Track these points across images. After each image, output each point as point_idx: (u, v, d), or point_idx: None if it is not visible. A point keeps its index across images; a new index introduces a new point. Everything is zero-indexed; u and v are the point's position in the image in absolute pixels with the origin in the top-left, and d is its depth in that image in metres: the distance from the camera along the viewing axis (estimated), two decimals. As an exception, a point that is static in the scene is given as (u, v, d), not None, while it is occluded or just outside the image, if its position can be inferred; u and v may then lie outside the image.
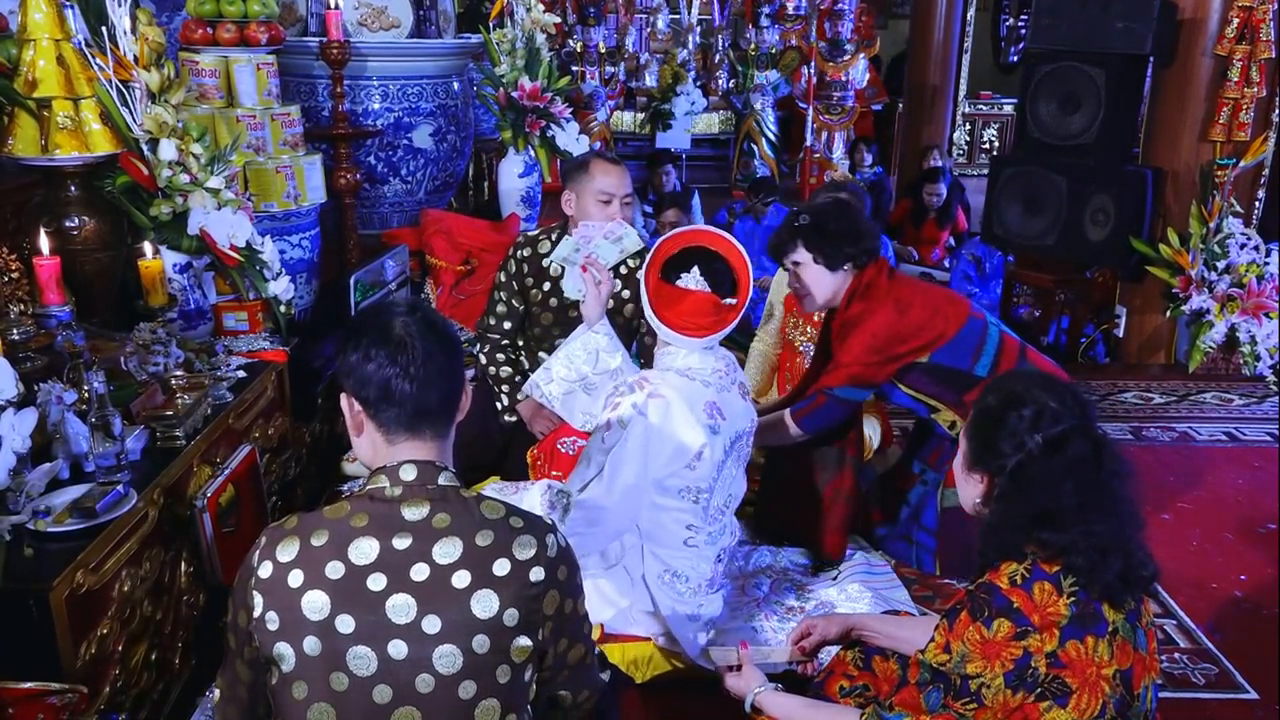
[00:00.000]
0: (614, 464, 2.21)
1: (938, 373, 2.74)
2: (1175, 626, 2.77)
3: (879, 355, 2.71)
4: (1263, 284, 4.62)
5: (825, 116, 9.00)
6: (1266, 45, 4.50)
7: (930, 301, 2.80)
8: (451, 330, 1.50)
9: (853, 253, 2.77)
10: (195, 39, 3.43)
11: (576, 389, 2.64)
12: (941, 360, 2.72)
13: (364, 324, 1.44)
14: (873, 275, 2.77)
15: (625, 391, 2.27)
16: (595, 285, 2.62)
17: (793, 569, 2.87)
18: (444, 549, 1.35)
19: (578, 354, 2.63)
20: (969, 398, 2.73)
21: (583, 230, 2.87)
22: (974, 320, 2.78)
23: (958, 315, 2.76)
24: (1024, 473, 1.54)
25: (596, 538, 2.32)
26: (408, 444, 1.43)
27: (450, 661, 1.33)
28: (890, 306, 2.73)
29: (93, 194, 2.76)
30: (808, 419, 2.77)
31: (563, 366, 2.64)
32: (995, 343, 2.77)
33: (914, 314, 2.73)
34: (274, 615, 1.32)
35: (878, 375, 2.74)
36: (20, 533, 1.83)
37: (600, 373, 2.62)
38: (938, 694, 1.55)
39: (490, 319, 3.18)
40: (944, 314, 2.75)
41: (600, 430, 2.26)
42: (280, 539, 1.36)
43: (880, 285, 2.77)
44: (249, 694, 1.41)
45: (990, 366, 2.74)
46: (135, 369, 2.44)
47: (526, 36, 4.52)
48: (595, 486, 2.23)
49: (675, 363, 2.34)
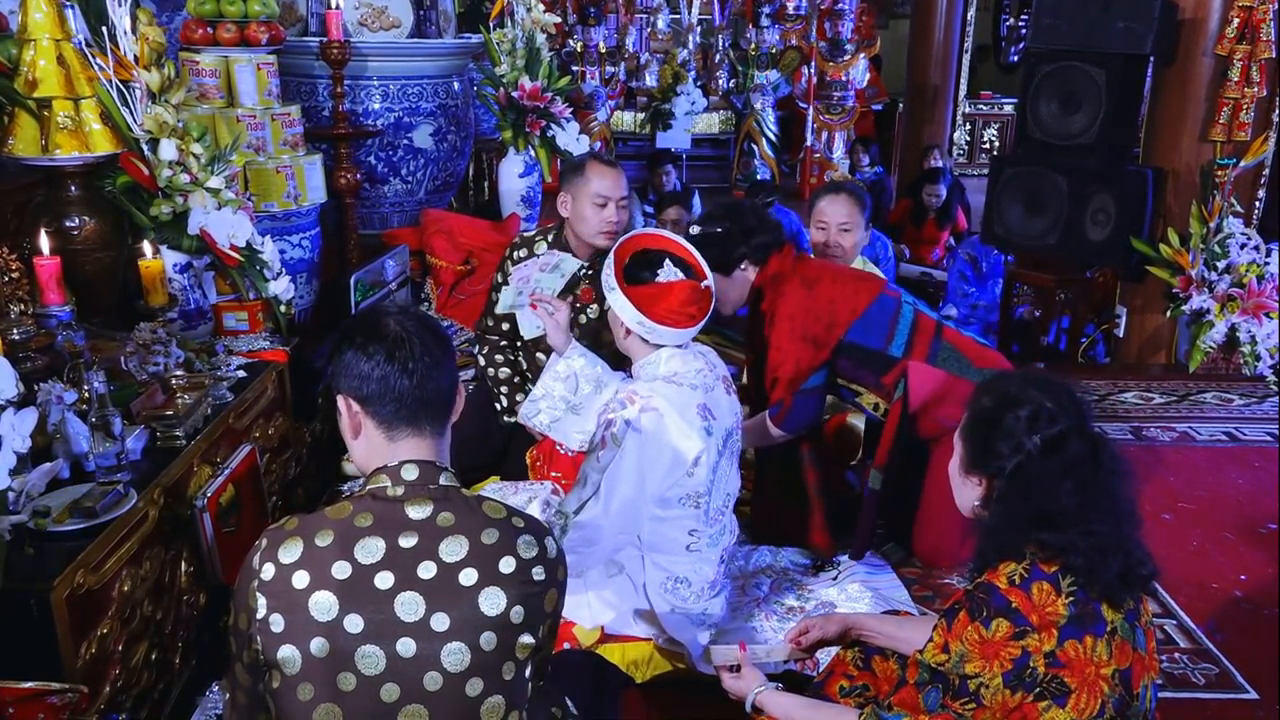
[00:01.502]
0: (610, 482, 2.20)
1: (855, 353, 2.74)
2: (1175, 626, 2.77)
3: (807, 344, 2.71)
4: (1263, 284, 4.61)
5: (825, 116, 9.00)
6: (1267, 45, 4.50)
7: (839, 276, 2.81)
8: (443, 330, 1.52)
9: (745, 251, 2.78)
10: (195, 39, 3.44)
11: (564, 414, 2.66)
12: (856, 339, 2.72)
13: (356, 325, 1.45)
14: (776, 265, 2.79)
15: (616, 407, 2.24)
16: (550, 316, 2.65)
17: (793, 569, 2.87)
18: (450, 547, 1.35)
19: (556, 383, 2.66)
20: (887, 379, 2.75)
21: (519, 273, 2.90)
22: (886, 297, 2.77)
23: (869, 290, 2.76)
24: (1023, 474, 1.54)
25: (595, 555, 2.33)
26: (408, 440, 1.43)
27: (458, 659, 1.33)
28: (797, 284, 2.75)
29: (93, 194, 2.76)
30: (786, 421, 2.78)
31: (544, 398, 2.68)
32: (909, 320, 2.75)
33: (822, 288, 2.74)
34: (279, 617, 1.32)
35: (813, 363, 2.73)
36: (20, 533, 1.83)
37: (581, 396, 2.64)
38: (936, 694, 1.55)
39: (489, 320, 3.18)
40: (854, 288, 2.76)
41: (595, 449, 2.25)
42: (282, 540, 1.36)
43: (785, 270, 2.78)
44: (248, 699, 1.41)
45: (905, 346, 2.73)
46: (135, 369, 2.44)
47: (527, 36, 4.52)
48: (592, 506, 2.22)
49: (659, 370, 2.31)
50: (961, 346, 2.78)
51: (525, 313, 2.98)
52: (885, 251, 5.12)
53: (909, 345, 2.73)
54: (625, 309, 2.28)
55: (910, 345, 2.73)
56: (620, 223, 3.00)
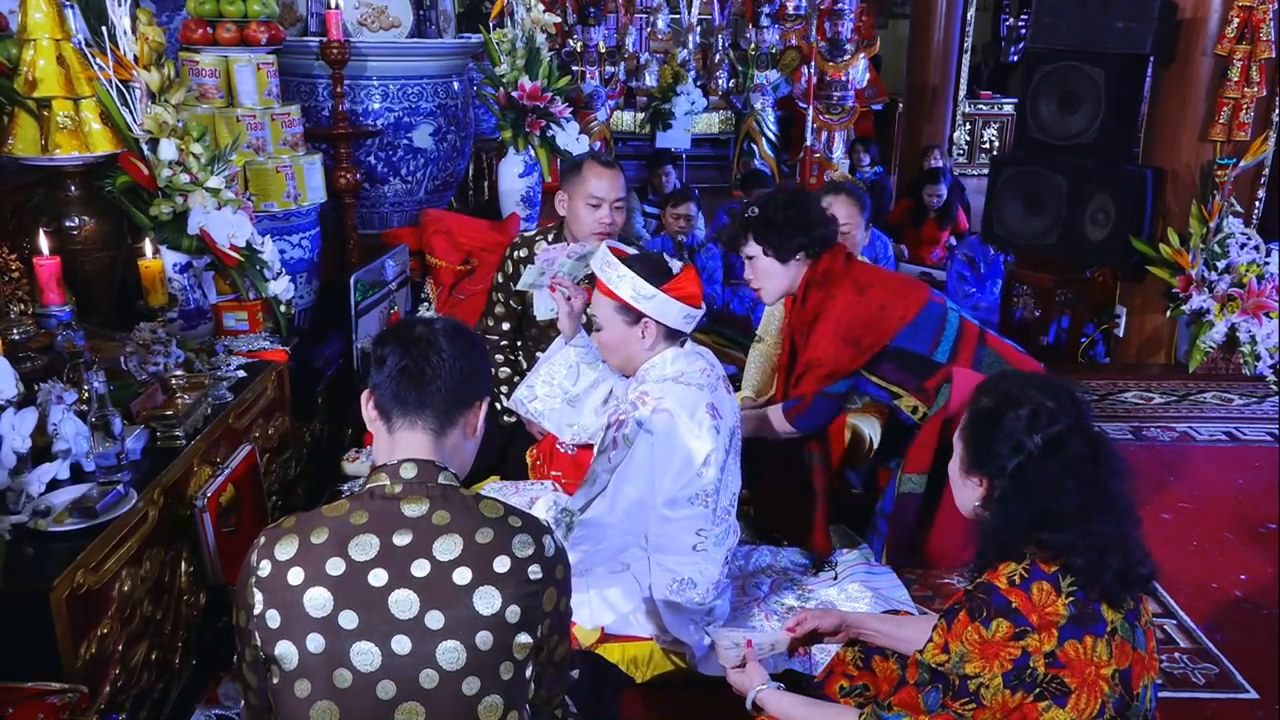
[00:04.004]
0: (618, 481, 2.21)
1: (900, 358, 2.74)
2: (1175, 626, 2.77)
3: (849, 347, 2.70)
4: (1263, 284, 4.62)
5: (825, 116, 8.99)
6: (1266, 45, 4.50)
7: (889, 283, 2.80)
8: (477, 342, 1.54)
9: (804, 242, 2.76)
10: (195, 39, 3.43)
11: (560, 404, 2.66)
12: (903, 345, 2.72)
13: (393, 330, 1.52)
14: (828, 263, 2.77)
15: (628, 409, 2.26)
16: (565, 301, 2.63)
17: (793, 569, 2.87)
18: (444, 545, 1.36)
19: (558, 370, 2.65)
20: (929, 384, 2.75)
21: (546, 254, 2.89)
22: (933, 304, 2.78)
23: (918, 298, 2.76)
24: (1024, 474, 1.54)
25: (600, 554, 2.33)
26: (402, 432, 1.45)
27: (454, 657, 1.33)
28: (849, 288, 2.73)
29: (93, 194, 2.76)
30: (801, 418, 2.76)
31: (544, 384, 2.66)
32: (955, 328, 2.77)
33: (874, 293, 2.73)
34: (275, 613, 1.33)
35: (850, 366, 2.73)
36: (20, 533, 1.83)
37: (581, 386, 2.64)
38: (936, 694, 1.55)
39: (489, 320, 3.18)
40: (903, 295, 2.76)
41: (606, 450, 2.26)
42: (279, 537, 1.37)
43: (837, 271, 2.76)
44: (259, 700, 1.42)
45: (950, 352, 2.75)
46: (135, 369, 2.44)
47: (526, 36, 4.51)
48: (599, 504, 2.23)
49: (666, 371, 2.32)
50: (1003, 352, 2.83)
51: (542, 293, 2.95)
52: (885, 251, 5.12)
53: (954, 351, 2.75)
54: (670, 306, 2.26)
55: (955, 351, 2.75)
56: (615, 224, 2.99)
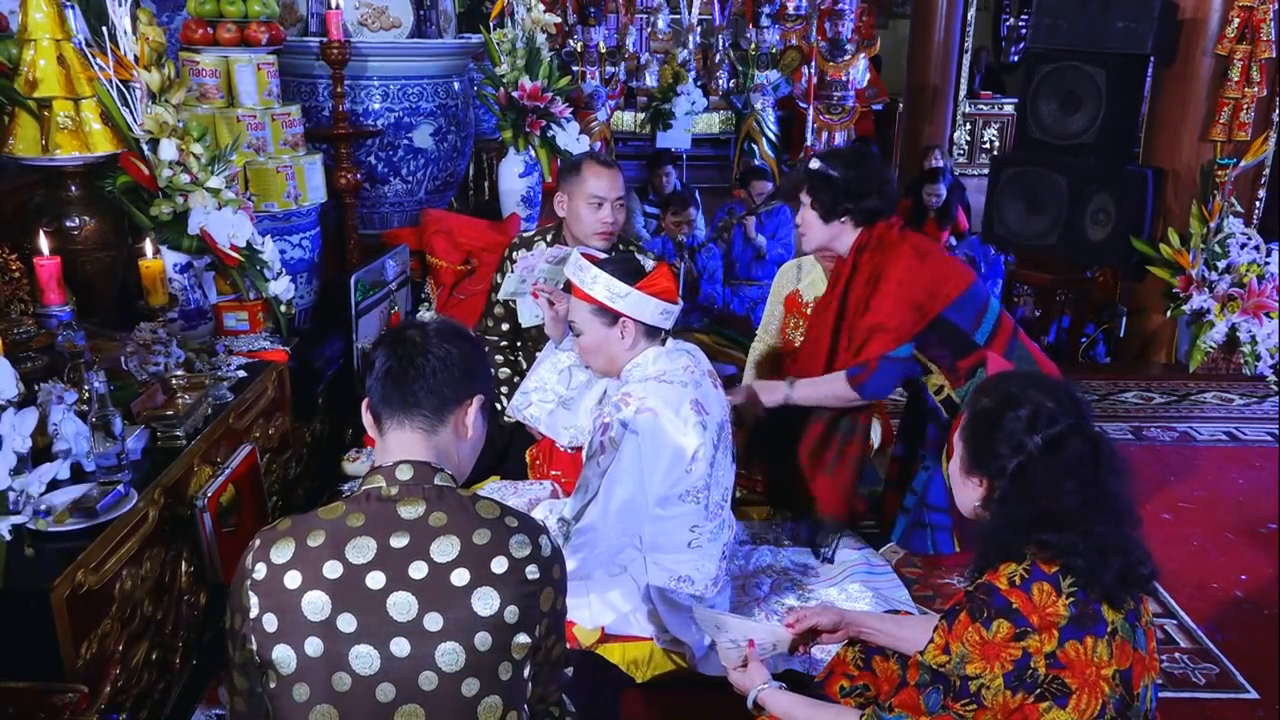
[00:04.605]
0: (609, 483, 2.22)
1: (945, 330, 2.77)
2: (1175, 626, 2.77)
3: (912, 311, 2.72)
4: (1263, 284, 4.62)
5: (825, 116, 8.99)
6: (1267, 45, 4.50)
7: (943, 255, 2.89)
8: (473, 343, 1.55)
9: (850, 208, 2.77)
10: (196, 39, 3.43)
11: (555, 408, 2.66)
12: (951, 316, 2.75)
13: (388, 333, 1.53)
14: (883, 230, 2.80)
15: (612, 410, 2.26)
16: (549, 306, 2.63)
17: (793, 569, 2.88)
18: (441, 547, 1.36)
19: (549, 375, 2.67)
20: (962, 364, 2.77)
21: (524, 261, 2.90)
22: (979, 286, 2.86)
23: (967, 276, 2.84)
24: (1024, 474, 1.54)
25: (598, 559, 2.33)
26: (395, 433, 1.45)
27: (453, 659, 1.33)
28: (909, 252, 2.77)
29: (93, 194, 2.76)
30: (867, 384, 2.75)
31: (537, 390, 2.67)
32: (995, 314, 2.83)
33: (933, 261, 2.79)
34: (272, 617, 1.32)
35: (913, 330, 2.74)
36: (20, 533, 1.83)
37: (574, 389, 2.64)
38: (937, 695, 1.55)
39: (489, 320, 3.18)
40: (957, 269, 2.84)
41: (594, 455, 2.26)
42: (274, 540, 1.36)
43: (891, 238, 2.79)
44: (247, 705, 1.41)
45: (988, 335, 2.79)
46: (136, 369, 2.44)
47: (527, 36, 4.51)
48: (592, 509, 2.23)
49: (649, 370, 2.33)
50: (1034, 352, 2.88)
51: (525, 300, 2.97)
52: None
53: (991, 336, 2.80)
54: (646, 303, 2.28)
55: (992, 336, 2.80)
56: (616, 223, 2.99)
